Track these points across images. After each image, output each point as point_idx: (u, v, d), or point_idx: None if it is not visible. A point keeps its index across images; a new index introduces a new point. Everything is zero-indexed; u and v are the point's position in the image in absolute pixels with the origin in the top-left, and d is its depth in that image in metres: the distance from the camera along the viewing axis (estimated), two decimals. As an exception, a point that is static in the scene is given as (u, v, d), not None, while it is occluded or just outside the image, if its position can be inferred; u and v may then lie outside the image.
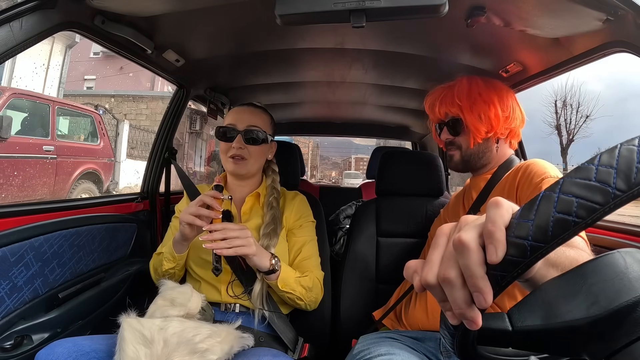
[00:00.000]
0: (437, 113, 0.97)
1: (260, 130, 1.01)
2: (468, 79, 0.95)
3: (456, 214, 1.02)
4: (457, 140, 0.96)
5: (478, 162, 0.96)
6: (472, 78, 0.96)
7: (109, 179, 6.58)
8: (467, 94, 0.92)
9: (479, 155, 0.95)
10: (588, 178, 0.28)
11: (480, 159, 0.96)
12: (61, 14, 0.77)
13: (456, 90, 0.94)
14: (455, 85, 0.95)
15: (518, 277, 0.29)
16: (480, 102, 0.91)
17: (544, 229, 0.28)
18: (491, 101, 0.91)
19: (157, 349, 0.71)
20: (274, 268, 0.89)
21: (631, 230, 0.94)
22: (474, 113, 0.91)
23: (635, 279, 0.29)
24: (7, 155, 4.56)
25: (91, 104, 7.61)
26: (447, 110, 0.95)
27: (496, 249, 0.28)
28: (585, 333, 0.30)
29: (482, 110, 0.91)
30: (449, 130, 0.96)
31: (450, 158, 0.99)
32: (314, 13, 0.70)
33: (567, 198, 0.28)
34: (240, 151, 0.99)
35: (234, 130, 1.00)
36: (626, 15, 0.72)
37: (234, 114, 1.03)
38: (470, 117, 0.91)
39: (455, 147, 0.97)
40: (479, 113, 0.91)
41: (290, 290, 0.92)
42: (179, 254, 0.94)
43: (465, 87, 0.93)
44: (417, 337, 0.83)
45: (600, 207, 0.27)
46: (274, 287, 0.92)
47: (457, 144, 0.96)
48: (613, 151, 0.28)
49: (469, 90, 0.93)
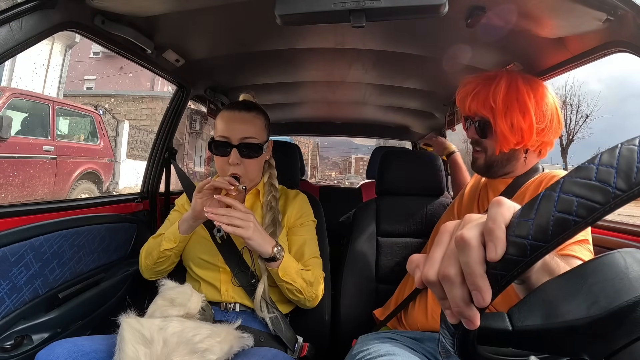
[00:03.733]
0: (467, 109, 0.89)
1: (255, 141, 0.96)
2: (509, 77, 0.85)
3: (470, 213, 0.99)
4: (483, 142, 0.89)
5: (502, 169, 0.90)
6: (513, 77, 0.85)
7: (109, 179, 6.57)
8: (504, 96, 0.83)
9: (503, 163, 0.88)
10: (588, 177, 0.28)
11: (505, 166, 0.89)
12: (61, 14, 0.77)
13: (493, 88, 0.84)
14: (493, 82, 0.85)
15: (518, 277, 0.29)
16: (516, 109, 0.82)
17: (544, 228, 0.28)
18: (527, 111, 0.82)
19: (157, 349, 0.71)
20: (276, 256, 0.89)
21: (631, 230, 0.94)
22: (506, 120, 0.82)
23: (636, 279, 0.29)
24: (7, 155, 4.56)
25: (91, 104, 7.61)
26: (478, 110, 0.87)
27: (496, 247, 0.28)
28: (585, 333, 0.30)
29: (515, 119, 0.82)
30: (476, 130, 0.89)
31: (474, 160, 0.93)
32: (314, 13, 0.70)
33: (567, 197, 0.28)
34: (237, 169, 0.95)
35: (228, 144, 0.95)
36: (626, 15, 0.72)
37: (226, 124, 0.96)
38: (502, 124, 0.83)
39: (481, 149, 0.90)
40: (512, 122, 0.82)
41: (290, 280, 0.91)
42: (183, 234, 0.94)
43: (503, 88, 0.83)
44: (416, 338, 0.83)
45: (600, 206, 0.27)
46: (275, 275, 0.91)
47: (483, 146, 0.90)
48: (613, 151, 0.28)
49: (506, 93, 0.83)
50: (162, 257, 0.95)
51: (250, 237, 0.85)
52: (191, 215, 0.91)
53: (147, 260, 0.98)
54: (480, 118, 0.88)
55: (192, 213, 0.91)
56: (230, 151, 0.95)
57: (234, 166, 0.95)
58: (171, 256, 0.96)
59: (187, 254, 1.01)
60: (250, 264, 0.96)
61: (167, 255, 0.95)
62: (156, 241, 0.97)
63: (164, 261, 0.96)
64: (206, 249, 0.98)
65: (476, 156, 0.93)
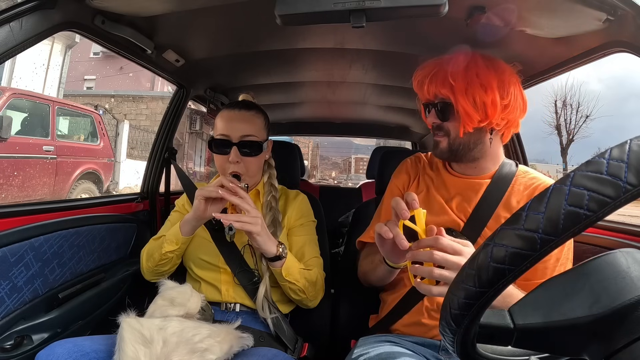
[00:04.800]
0: (426, 92, 0.84)
1: (255, 139, 0.96)
2: (465, 54, 0.82)
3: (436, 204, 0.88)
4: (445, 125, 0.84)
5: (468, 153, 0.84)
6: (470, 54, 0.82)
7: (109, 179, 6.58)
8: (463, 73, 0.79)
9: (469, 146, 0.83)
10: (599, 171, 0.27)
11: (471, 150, 0.84)
12: (61, 14, 0.77)
13: (450, 67, 0.80)
14: (450, 61, 0.81)
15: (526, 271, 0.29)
16: (477, 85, 0.78)
17: (555, 222, 0.28)
18: (490, 85, 0.78)
19: (157, 349, 0.71)
20: (281, 255, 0.89)
21: (631, 230, 0.94)
22: (467, 97, 0.78)
23: (638, 278, 0.29)
24: (7, 155, 4.56)
25: (91, 104, 7.63)
26: (437, 91, 0.82)
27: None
28: (586, 331, 0.30)
29: (477, 94, 0.78)
30: (437, 114, 0.84)
31: (436, 144, 0.87)
32: (314, 13, 0.70)
33: (578, 191, 0.27)
34: (238, 168, 0.96)
35: (228, 142, 0.95)
36: (626, 15, 0.72)
37: (226, 122, 0.96)
38: (463, 102, 0.78)
39: (443, 133, 0.85)
40: (474, 98, 0.78)
41: (293, 280, 0.91)
42: (185, 236, 0.93)
43: (461, 65, 0.80)
44: (416, 342, 0.83)
45: (611, 200, 0.27)
46: (278, 275, 0.91)
47: (445, 129, 0.84)
48: (623, 146, 0.28)
49: (465, 69, 0.79)
50: (164, 259, 0.95)
51: (259, 232, 0.85)
52: (193, 216, 0.91)
53: (149, 263, 0.97)
54: (440, 100, 0.83)
55: (194, 214, 0.90)
56: (230, 150, 0.95)
57: (234, 164, 0.95)
58: (173, 258, 0.96)
59: (187, 254, 1.01)
60: (252, 264, 0.96)
61: (168, 258, 0.95)
62: (157, 243, 0.97)
63: (166, 263, 0.96)
64: (207, 249, 0.98)
65: (438, 140, 0.86)
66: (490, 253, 0.30)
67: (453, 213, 0.86)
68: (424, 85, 0.84)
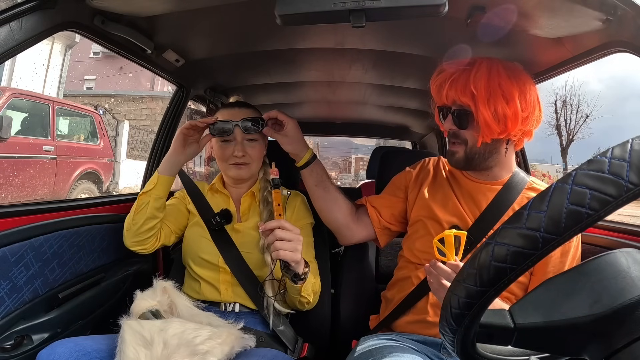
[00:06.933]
0: (444, 97, 0.81)
1: (257, 117, 0.96)
2: (489, 63, 0.79)
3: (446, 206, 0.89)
4: (462, 133, 0.82)
5: (482, 163, 0.84)
6: (493, 63, 0.79)
7: (109, 179, 6.57)
8: (486, 82, 0.77)
9: (484, 155, 0.82)
10: (601, 170, 0.27)
11: (486, 160, 0.83)
12: (61, 14, 0.77)
13: (473, 75, 0.78)
14: (473, 68, 0.79)
15: (527, 270, 0.29)
16: (499, 95, 0.76)
17: (557, 220, 0.27)
18: (512, 97, 0.76)
19: (157, 351, 0.71)
20: (306, 275, 0.86)
21: (631, 230, 0.94)
22: (489, 108, 0.76)
23: (638, 278, 0.29)
24: (7, 155, 4.56)
25: (91, 104, 7.62)
26: (457, 97, 0.79)
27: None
28: (587, 331, 0.30)
29: (499, 106, 0.76)
30: (454, 120, 0.82)
31: (452, 154, 0.86)
32: (314, 13, 0.70)
33: (580, 189, 0.27)
34: (242, 158, 0.96)
35: (231, 121, 0.94)
36: (626, 15, 0.72)
37: (226, 112, 0.99)
38: (485, 112, 0.76)
39: (460, 141, 0.83)
40: (495, 109, 0.76)
41: (306, 295, 0.90)
42: (161, 174, 0.92)
43: (484, 74, 0.77)
44: (418, 340, 0.83)
45: (613, 199, 0.27)
46: (291, 289, 0.88)
47: (462, 137, 0.82)
48: (625, 145, 0.28)
49: (488, 79, 0.77)
50: (141, 205, 0.92)
51: (299, 261, 0.82)
52: (171, 152, 0.92)
53: (128, 218, 0.95)
54: (458, 107, 0.81)
55: (173, 150, 0.92)
56: (232, 131, 0.94)
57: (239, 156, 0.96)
58: (149, 205, 0.91)
59: (187, 251, 1.01)
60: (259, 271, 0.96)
61: (145, 202, 0.91)
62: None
63: (142, 214, 0.92)
64: (206, 248, 0.98)
65: (454, 149, 0.85)
66: (492, 252, 0.30)
67: (464, 212, 0.87)
68: (442, 89, 0.82)
